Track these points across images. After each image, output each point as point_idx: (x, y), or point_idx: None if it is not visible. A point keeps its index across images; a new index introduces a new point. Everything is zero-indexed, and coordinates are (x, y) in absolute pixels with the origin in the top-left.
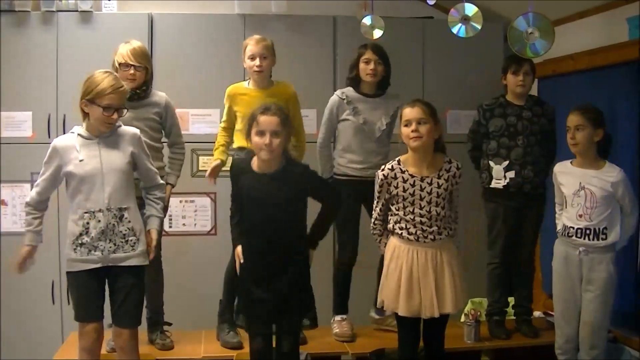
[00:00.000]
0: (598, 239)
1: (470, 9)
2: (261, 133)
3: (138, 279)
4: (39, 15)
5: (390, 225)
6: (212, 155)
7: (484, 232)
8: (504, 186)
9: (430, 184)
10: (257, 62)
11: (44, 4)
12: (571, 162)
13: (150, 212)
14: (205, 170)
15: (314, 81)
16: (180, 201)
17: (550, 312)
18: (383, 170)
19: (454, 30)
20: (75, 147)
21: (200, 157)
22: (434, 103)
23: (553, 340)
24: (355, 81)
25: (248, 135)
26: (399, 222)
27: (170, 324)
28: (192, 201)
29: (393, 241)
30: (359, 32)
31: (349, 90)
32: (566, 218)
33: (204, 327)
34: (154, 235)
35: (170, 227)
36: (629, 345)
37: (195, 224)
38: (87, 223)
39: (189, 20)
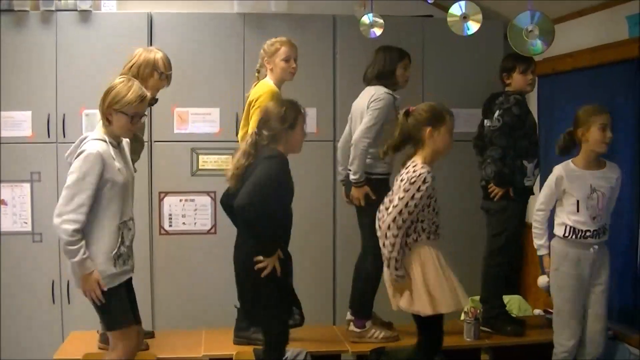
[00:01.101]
0: (605, 235)
1: (467, 7)
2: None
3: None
4: (38, 15)
5: (420, 235)
6: (212, 154)
7: (482, 232)
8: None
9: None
10: (292, 64)
11: (43, 3)
12: (574, 164)
13: None
14: (205, 169)
15: (314, 80)
16: (180, 200)
17: (550, 310)
18: (429, 172)
19: (466, 31)
20: (111, 154)
21: (200, 156)
22: (434, 102)
23: (552, 338)
24: (390, 84)
25: (292, 128)
26: (429, 227)
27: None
28: (192, 200)
29: (416, 246)
30: (359, 31)
31: (389, 91)
32: (577, 222)
33: (204, 326)
34: None
35: (170, 226)
36: (627, 343)
37: (195, 223)
38: (122, 233)
39: (189, 19)
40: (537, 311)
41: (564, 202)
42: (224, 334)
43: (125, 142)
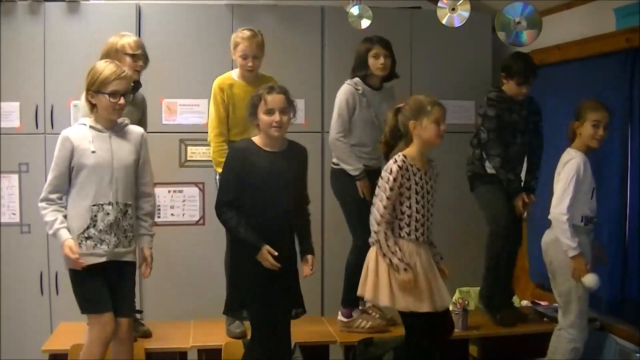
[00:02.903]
0: None
1: None
2: (270, 111)
3: (133, 273)
4: (26, 6)
5: (401, 233)
6: (201, 145)
7: (472, 224)
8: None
9: (429, 179)
10: (249, 62)
11: None
12: (582, 152)
13: (140, 231)
14: (194, 160)
15: (302, 71)
16: (169, 191)
17: (538, 302)
18: (396, 161)
19: (450, 22)
20: (87, 138)
21: (189, 147)
22: (422, 94)
23: (540, 329)
24: (365, 75)
25: (253, 115)
26: (409, 225)
27: (140, 312)
28: (180, 191)
29: (399, 243)
30: (347, 23)
31: (359, 82)
32: (591, 210)
33: (192, 317)
34: (147, 252)
35: (158, 217)
36: (615, 334)
37: (183, 214)
38: (95, 216)
39: (177, 10)
40: (524, 302)
41: (582, 190)
42: (213, 325)
43: (138, 132)
